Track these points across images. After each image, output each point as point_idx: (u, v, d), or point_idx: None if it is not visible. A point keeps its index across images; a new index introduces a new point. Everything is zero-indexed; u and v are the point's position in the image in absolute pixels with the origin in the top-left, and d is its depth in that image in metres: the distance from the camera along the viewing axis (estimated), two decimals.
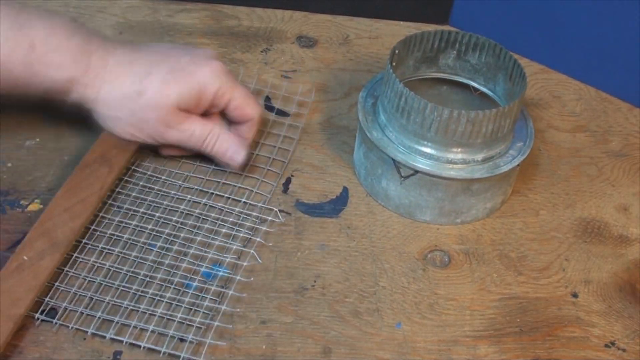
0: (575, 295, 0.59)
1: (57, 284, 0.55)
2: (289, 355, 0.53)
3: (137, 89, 0.59)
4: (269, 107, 0.71)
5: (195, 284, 0.56)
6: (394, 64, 0.61)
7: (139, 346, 0.52)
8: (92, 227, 0.58)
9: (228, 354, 0.53)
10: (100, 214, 0.59)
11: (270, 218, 0.61)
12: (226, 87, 0.61)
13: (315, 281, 0.58)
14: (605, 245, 0.63)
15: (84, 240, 0.57)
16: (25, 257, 0.53)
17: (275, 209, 0.62)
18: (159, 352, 0.52)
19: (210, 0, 0.82)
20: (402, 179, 0.61)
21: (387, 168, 0.61)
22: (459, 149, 0.59)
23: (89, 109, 0.61)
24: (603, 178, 0.68)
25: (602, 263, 0.61)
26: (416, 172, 0.60)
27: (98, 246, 0.57)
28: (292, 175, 0.65)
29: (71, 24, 0.60)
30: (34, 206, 0.60)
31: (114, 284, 0.55)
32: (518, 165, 0.61)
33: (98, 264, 0.56)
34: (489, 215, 0.64)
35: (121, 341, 0.52)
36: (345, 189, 0.65)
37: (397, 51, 0.62)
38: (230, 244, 0.59)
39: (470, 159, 0.60)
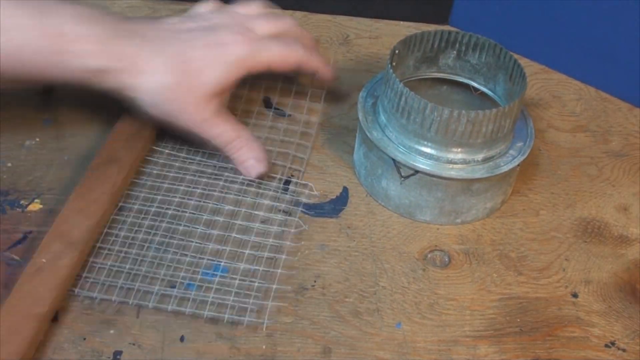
0: (575, 295, 0.59)
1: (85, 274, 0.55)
2: (289, 355, 0.53)
3: (174, 78, 0.59)
4: (269, 107, 0.71)
5: (196, 283, 0.56)
6: (394, 64, 0.61)
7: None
8: (106, 230, 0.58)
9: (228, 354, 0.53)
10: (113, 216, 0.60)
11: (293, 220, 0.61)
12: (257, 57, 0.62)
13: (315, 281, 0.58)
14: (605, 245, 0.63)
15: (98, 244, 0.58)
16: (43, 260, 0.53)
17: (296, 218, 0.62)
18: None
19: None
20: (402, 179, 0.61)
21: (387, 168, 0.61)
22: (459, 149, 0.59)
23: (125, 96, 0.60)
24: (603, 178, 0.68)
25: (602, 263, 0.61)
26: (416, 172, 0.60)
27: (114, 248, 0.57)
28: (292, 176, 0.65)
29: (97, 10, 0.59)
30: (34, 206, 0.60)
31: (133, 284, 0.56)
32: (518, 165, 0.61)
33: (116, 267, 0.57)
34: (489, 215, 0.64)
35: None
36: (345, 189, 0.65)
37: (397, 51, 0.62)
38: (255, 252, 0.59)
39: (471, 159, 0.60)
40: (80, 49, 0.57)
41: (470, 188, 0.60)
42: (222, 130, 0.62)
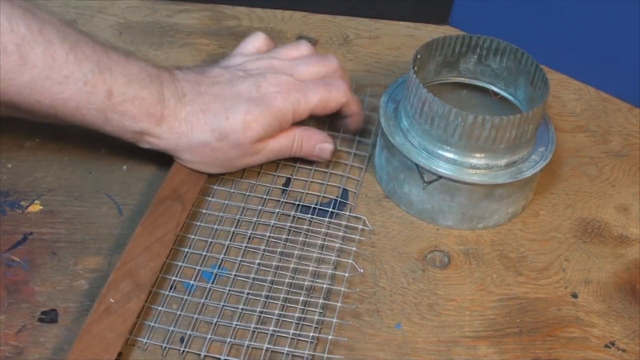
0: (575, 296, 0.59)
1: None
2: (289, 355, 0.53)
3: (217, 137, 0.59)
4: None
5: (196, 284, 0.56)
6: (416, 68, 0.61)
7: None
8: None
9: (227, 354, 0.53)
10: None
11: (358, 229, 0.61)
12: (300, 107, 0.62)
13: (315, 282, 0.58)
14: (605, 245, 0.63)
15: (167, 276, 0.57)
16: (111, 300, 0.53)
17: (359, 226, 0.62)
18: None
19: (210, 0, 0.82)
20: (425, 184, 0.61)
21: (410, 173, 0.61)
22: (482, 154, 0.59)
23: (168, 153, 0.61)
24: (603, 178, 0.68)
25: (602, 263, 0.61)
26: (439, 177, 0.60)
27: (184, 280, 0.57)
28: (292, 176, 0.65)
29: (147, 70, 0.58)
30: (34, 207, 0.60)
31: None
32: (541, 170, 0.61)
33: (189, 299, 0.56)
34: (510, 220, 0.64)
35: None
36: (344, 190, 0.65)
37: (419, 55, 0.62)
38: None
39: (493, 164, 0.60)
40: (123, 110, 0.57)
41: (493, 193, 0.60)
42: (277, 147, 0.62)
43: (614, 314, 0.58)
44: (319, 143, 0.64)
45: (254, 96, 0.60)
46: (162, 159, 0.64)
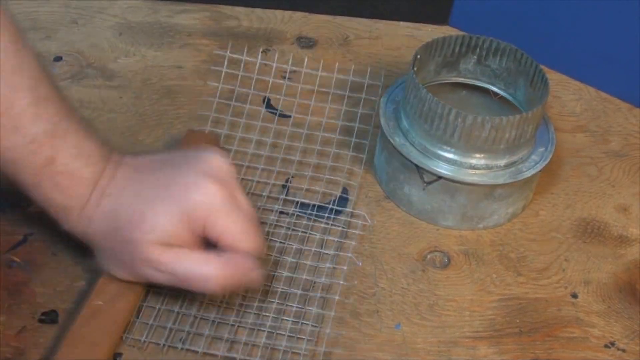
0: (575, 296, 0.59)
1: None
2: (289, 355, 0.53)
3: (116, 226, 0.51)
4: (269, 108, 0.71)
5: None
6: (415, 68, 0.61)
7: None
8: None
9: (228, 354, 0.53)
10: None
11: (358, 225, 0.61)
12: (217, 217, 0.51)
13: (314, 282, 0.58)
14: (605, 245, 0.63)
15: None
16: (100, 302, 0.52)
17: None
18: None
19: (210, 0, 0.82)
20: (425, 184, 0.61)
21: (410, 174, 0.61)
22: (482, 155, 0.59)
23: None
24: (603, 178, 0.68)
25: (602, 263, 0.61)
26: (439, 177, 0.60)
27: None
28: (292, 176, 0.65)
29: (101, 150, 0.53)
30: (34, 207, 0.60)
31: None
32: (540, 170, 0.61)
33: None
34: (510, 220, 0.64)
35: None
36: (344, 190, 0.65)
37: (418, 56, 0.62)
38: None
39: (493, 165, 0.60)
40: (59, 183, 0.51)
41: (493, 194, 0.60)
42: (182, 269, 0.51)
43: (614, 314, 0.58)
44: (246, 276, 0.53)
45: (174, 188, 0.52)
46: None
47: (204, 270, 0.51)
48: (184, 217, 0.50)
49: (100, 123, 0.68)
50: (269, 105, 0.71)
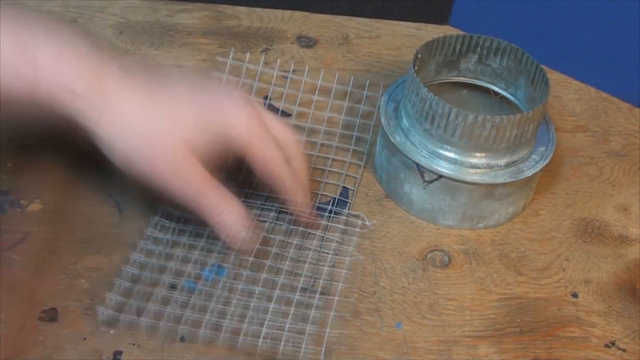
0: (575, 295, 0.59)
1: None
2: (289, 354, 0.53)
3: (153, 129, 0.52)
4: (269, 108, 0.71)
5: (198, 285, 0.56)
6: (416, 68, 0.61)
7: None
8: None
9: (228, 353, 0.53)
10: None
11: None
12: (257, 141, 0.54)
13: (315, 281, 0.58)
14: (605, 245, 0.63)
15: None
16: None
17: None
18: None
19: (210, 0, 0.82)
20: (426, 183, 0.61)
21: (410, 173, 0.61)
22: (483, 154, 0.59)
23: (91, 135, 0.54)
24: (603, 178, 0.68)
25: (602, 263, 0.61)
26: (440, 176, 0.60)
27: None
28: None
29: (82, 45, 0.52)
30: (34, 206, 0.60)
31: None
32: (541, 170, 0.61)
33: None
34: (510, 220, 0.64)
35: None
36: (345, 189, 0.65)
37: (419, 55, 0.62)
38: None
39: (494, 164, 0.60)
40: (56, 87, 0.51)
41: (493, 193, 0.60)
42: (203, 193, 0.54)
43: (614, 314, 0.58)
44: (235, 228, 0.55)
45: (211, 106, 0.53)
46: None
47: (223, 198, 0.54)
48: (220, 136, 0.53)
49: None
50: (269, 104, 0.71)
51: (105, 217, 0.60)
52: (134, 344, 0.53)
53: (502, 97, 0.67)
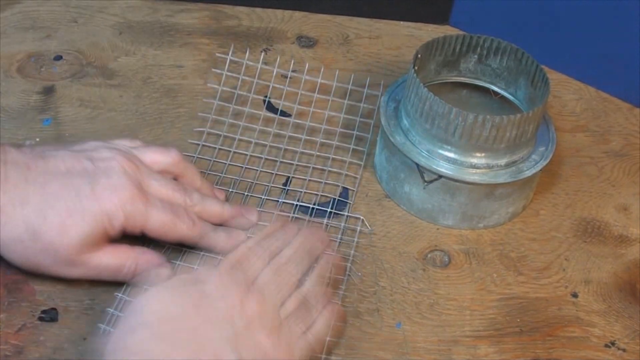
0: (575, 295, 0.59)
1: None
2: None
3: (30, 236, 0.51)
4: (269, 107, 0.71)
5: None
6: (416, 68, 0.61)
7: None
8: None
9: None
10: None
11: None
12: (135, 221, 0.53)
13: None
14: (605, 245, 0.63)
15: None
16: None
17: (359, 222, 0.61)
18: None
19: (211, 0, 0.82)
20: (425, 183, 0.61)
21: (410, 173, 0.61)
22: (483, 154, 0.59)
23: None
24: (603, 178, 0.68)
25: (602, 263, 0.61)
26: (440, 176, 0.60)
27: None
28: (292, 176, 0.65)
29: None
30: None
31: None
32: (541, 170, 0.61)
33: None
34: (510, 220, 0.64)
35: None
36: (345, 189, 0.65)
37: (419, 55, 0.62)
38: None
39: (494, 164, 0.60)
40: None
41: (493, 193, 0.60)
42: (103, 265, 0.53)
43: (614, 314, 0.58)
44: (155, 269, 0.54)
45: (86, 194, 0.52)
46: None
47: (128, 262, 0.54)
48: (101, 227, 0.52)
49: (101, 122, 0.68)
50: (268, 105, 0.71)
51: None
52: None
53: (502, 97, 0.67)
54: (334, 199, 0.64)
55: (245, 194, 0.63)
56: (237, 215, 0.58)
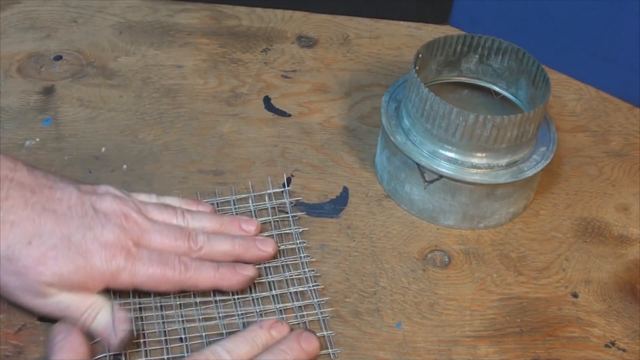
0: (575, 295, 0.59)
1: None
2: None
3: (8, 255, 0.50)
4: (269, 107, 0.71)
5: None
6: (417, 68, 0.61)
7: None
8: None
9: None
10: None
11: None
12: (121, 277, 0.52)
13: (315, 280, 0.58)
14: (605, 245, 0.63)
15: None
16: None
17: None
18: None
19: (210, 0, 0.82)
20: (426, 183, 0.61)
21: (411, 172, 0.61)
22: (483, 154, 0.59)
23: None
24: (603, 178, 0.68)
25: (602, 263, 0.61)
26: (440, 176, 0.60)
27: None
28: (292, 176, 0.65)
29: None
30: None
31: None
32: (542, 170, 0.61)
33: None
34: (511, 220, 0.64)
35: None
36: (345, 189, 0.65)
37: (420, 55, 0.62)
38: None
39: (495, 164, 0.60)
40: None
41: (494, 193, 0.60)
42: (66, 303, 0.52)
43: (614, 314, 0.58)
44: (110, 327, 0.52)
45: (76, 240, 0.52)
46: (163, 158, 0.64)
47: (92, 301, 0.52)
48: (82, 276, 0.51)
49: (101, 122, 0.68)
50: (268, 104, 0.71)
51: None
52: (133, 344, 0.52)
53: (503, 97, 0.67)
54: (335, 197, 0.64)
55: (245, 195, 0.63)
56: (250, 247, 0.57)
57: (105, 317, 0.52)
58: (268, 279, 0.57)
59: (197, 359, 0.50)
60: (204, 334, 0.53)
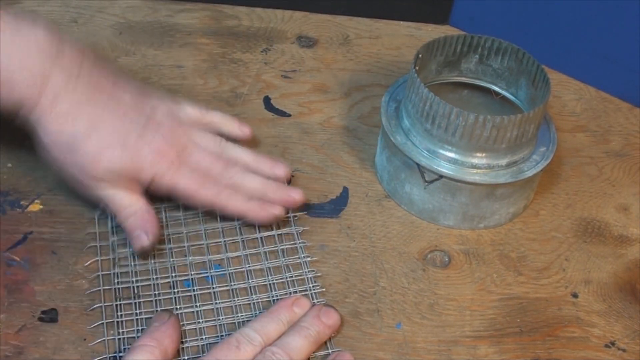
0: (575, 296, 0.59)
1: None
2: None
3: (72, 144, 0.55)
4: (269, 107, 0.71)
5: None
6: (417, 68, 0.61)
7: None
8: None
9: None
10: None
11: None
12: (162, 181, 0.57)
13: (315, 281, 0.58)
14: (605, 245, 0.63)
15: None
16: None
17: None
18: None
19: (210, 0, 0.82)
20: (426, 183, 0.61)
21: (411, 173, 0.61)
22: (483, 154, 0.59)
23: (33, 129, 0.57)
24: (603, 178, 0.68)
25: (602, 263, 0.61)
26: (440, 177, 0.60)
27: None
28: (292, 176, 0.65)
29: (43, 39, 0.55)
30: (34, 206, 0.60)
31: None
32: (542, 170, 0.61)
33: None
34: (511, 220, 0.64)
35: None
36: (345, 189, 0.65)
37: (420, 55, 0.62)
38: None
39: (495, 164, 0.60)
40: (7, 78, 0.54)
41: (494, 193, 0.60)
42: (112, 195, 0.57)
43: (614, 314, 0.58)
44: (138, 232, 0.56)
45: (130, 138, 0.56)
46: None
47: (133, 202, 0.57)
48: (129, 174, 0.56)
49: None
50: (268, 104, 0.71)
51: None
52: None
53: (503, 97, 0.67)
54: (335, 197, 0.64)
55: None
56: (279, 190, 0.60)
57: (138, 221, 0.57)
58: (268, 280, 0.57)
59: (229, 341, 0.51)
60: (201, 340, 0.54)
